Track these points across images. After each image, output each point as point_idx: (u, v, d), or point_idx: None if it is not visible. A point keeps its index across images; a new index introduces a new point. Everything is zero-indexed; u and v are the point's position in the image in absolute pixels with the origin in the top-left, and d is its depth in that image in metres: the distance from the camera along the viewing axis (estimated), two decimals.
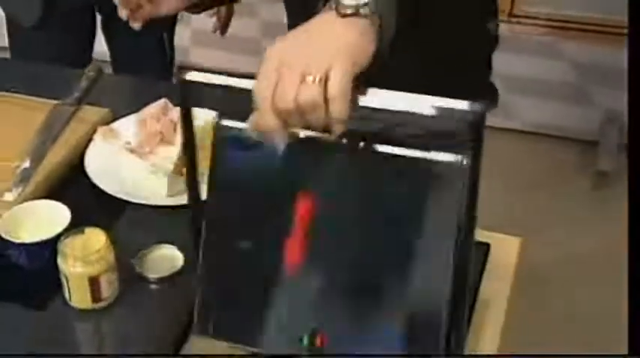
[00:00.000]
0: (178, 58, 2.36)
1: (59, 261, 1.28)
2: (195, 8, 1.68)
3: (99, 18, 2.33)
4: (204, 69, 1.09)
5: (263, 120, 1.03)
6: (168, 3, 1.61)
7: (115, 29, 2.29)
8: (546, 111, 3.39)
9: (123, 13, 1.60)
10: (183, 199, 1.46)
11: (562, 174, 3.25)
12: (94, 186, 1.50)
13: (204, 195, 1.18)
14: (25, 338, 1.27)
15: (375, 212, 1.09)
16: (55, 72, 1.90)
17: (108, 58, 2.36)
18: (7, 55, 2.29)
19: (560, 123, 3.38)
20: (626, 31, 3.07)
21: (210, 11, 2.21)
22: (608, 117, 3.32)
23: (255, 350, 1.16)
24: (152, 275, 1.35)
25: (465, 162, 1.02)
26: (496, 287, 1.34)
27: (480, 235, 1.26)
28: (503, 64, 3.26)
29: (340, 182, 1.10)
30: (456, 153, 1.03)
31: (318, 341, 1.11)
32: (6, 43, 2.27)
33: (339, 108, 1.00)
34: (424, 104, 1.01)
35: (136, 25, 1.61)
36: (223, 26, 2.31)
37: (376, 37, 1.06)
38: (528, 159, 3.28)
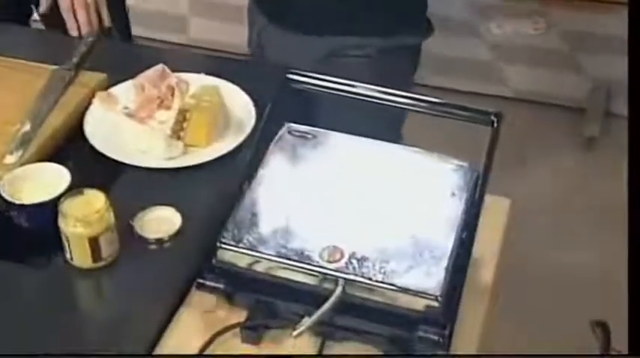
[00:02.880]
0: (177, 28, 2.34)
1: (60, 221, 1.29)
2: None
3: None
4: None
5: None
6: None
7: None
8: (535, 79, 3.41)
9: None
10: (180, 162, 1.50)
11: (550, 139, 3.27)
12: (93, 149, 1.51)
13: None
14: (26, 297, 1.29)
15: None
16: (53, 37, 1.90)
17: None
18: None
19: (549, 90, 3.40)
20: None
21: None
22: (595, 85, 3.34)
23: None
24: (151, 236, 1.37)
25: None
26: (486, 248, 1.34)
27: None
28: (493, 31, 3.29)
29: None
30: None
31: (336, 256, 1.19)
32: None
33: None
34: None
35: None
36: None
37: None
38: (517, 125, 3.30)
